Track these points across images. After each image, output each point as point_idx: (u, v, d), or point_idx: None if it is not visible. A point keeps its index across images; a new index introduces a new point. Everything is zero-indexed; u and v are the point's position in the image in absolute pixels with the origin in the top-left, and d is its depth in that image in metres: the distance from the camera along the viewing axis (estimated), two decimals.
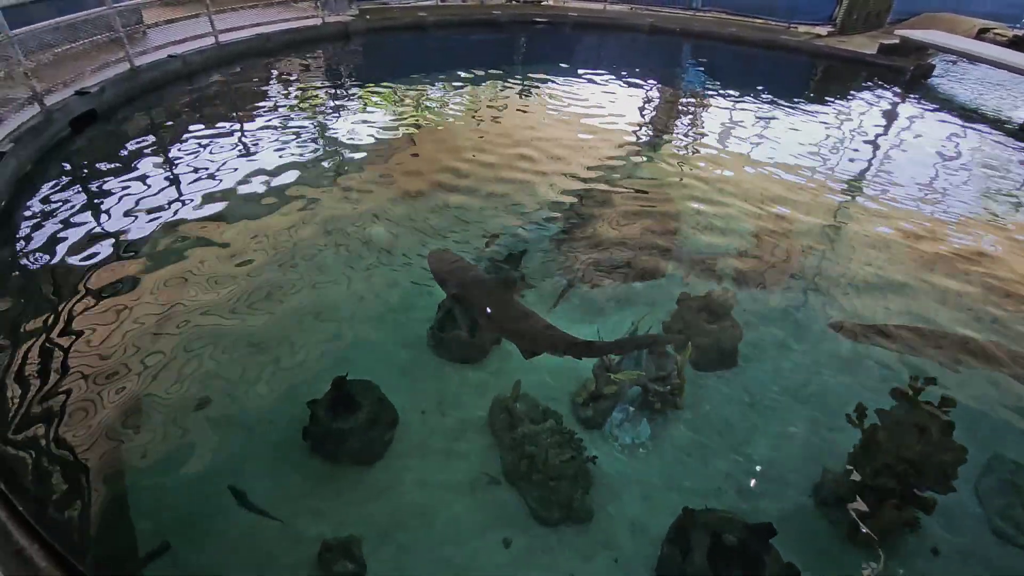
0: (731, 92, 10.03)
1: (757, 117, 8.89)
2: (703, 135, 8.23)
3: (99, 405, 3.33)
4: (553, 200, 5.95)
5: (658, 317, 4.23)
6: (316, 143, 7.14)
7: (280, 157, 6.64)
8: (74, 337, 3.82)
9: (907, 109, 9.70)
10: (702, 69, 11.67)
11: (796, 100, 9.78)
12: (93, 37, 8.31)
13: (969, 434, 3.11)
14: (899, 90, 10.43)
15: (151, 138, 7.10)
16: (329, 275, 4.66)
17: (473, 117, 8.33)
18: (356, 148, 6.99)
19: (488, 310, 3.23)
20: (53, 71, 7.56)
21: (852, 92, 10.42)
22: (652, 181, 6.60)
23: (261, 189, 5.86)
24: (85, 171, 6.17)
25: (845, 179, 6.93)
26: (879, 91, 10.39)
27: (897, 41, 11.61)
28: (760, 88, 10.23)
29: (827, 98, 10.02)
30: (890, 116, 9.35)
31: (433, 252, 3.86)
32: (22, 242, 4.85)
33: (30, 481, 2.86)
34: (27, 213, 5.25)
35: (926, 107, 9.77)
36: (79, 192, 5.73)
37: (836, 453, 3.22)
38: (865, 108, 9.61)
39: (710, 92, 10.13)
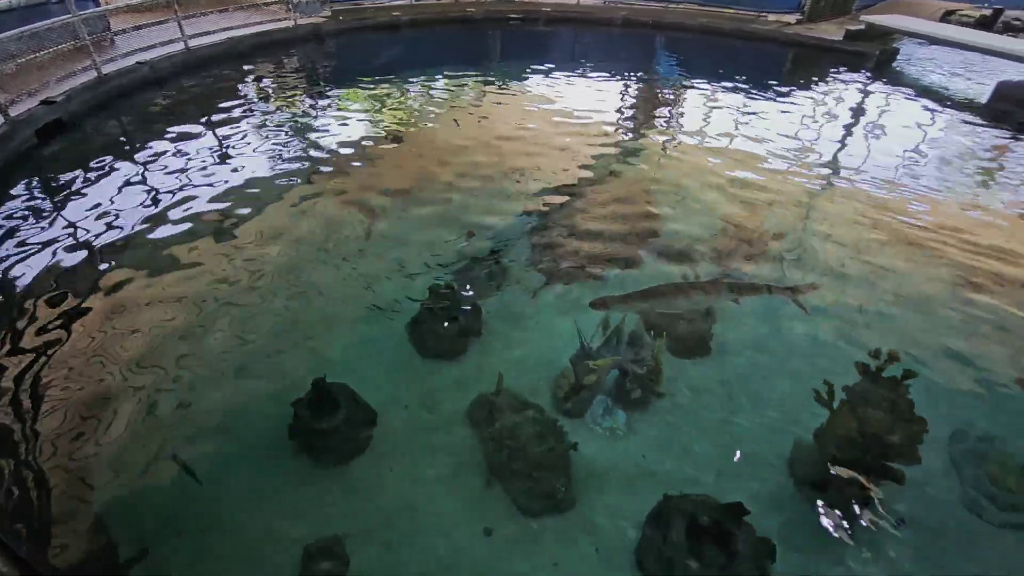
0: (704, 83, 10.15)
1: (730, 106, 9.02)
2: (678, 126, 8.33)
3: (69, 413, 3.29)
4: (531, 194, 5.99)
5: None
6: (291, 145, 7.09)
7: (255, 161, 6.59)
8: (42, 348, 3.77)
9: (874, 93, 9.90)
10: (675, 61, 11.80)
11: (767, 88, 9.93)
12: (58, 46, 8.15)
13: (932, 407, 3.23)
14: (866, 75, 10.63)
15: (121, 146, 6.99)
16: (308, 276, 4.65)
17: (451, 115, 8.33)
18: (333, 149, 6.96)
19: None
20: (18, 81, 7.40)
21: (820, 78, 10.61)
22: (629, 173, 6.67)
23: (236, 194, 5.81)
24: (52, 182, 6.06)
25: (816, 163, 7.07)
26: (846, 76, 10.59)
27: (863, 27, 11.83)
28: (732, 78, 10.37)
29: (796, 85, 10.19)
30: (857, 101, 9.53)
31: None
32: None
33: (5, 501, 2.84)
34: None
35: (892, 90, 9.98)
36: (46, 203, 5.63)
37: (809, 430, 3.31)
38: (833, 94, 9.80)
39: (684, 83, 10.24)
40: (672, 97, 9.63)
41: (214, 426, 3.37)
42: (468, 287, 4.49)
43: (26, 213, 5.39)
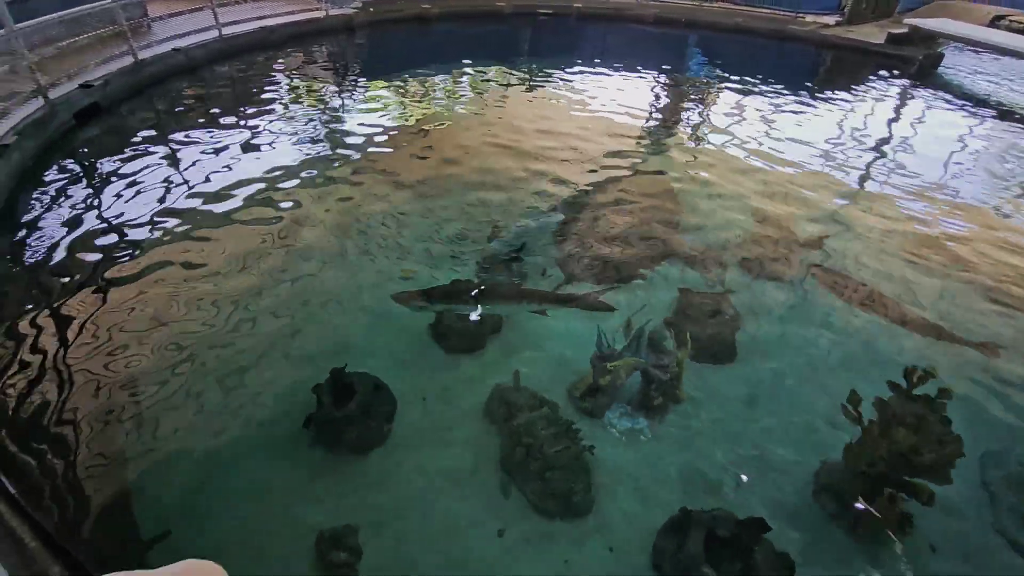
0: (737, 83, 9.93)
1: (763, 108, 8.80)
2: (708, 126, 8.17)
3: (98, 394, 3.37)
4: (556, 192, 5.92)
5: (658, 309, 4.21)
6: (320, 136, 7.15)
7: (283, 150, 6.65)
8: (73, 326, 3.86)
9: (916, 99, 9.57)
10: (707, 60, 11.56)
11: (802, 91, 9.67)
12: (97, 31, 8.34)
13: (969, 426, 3.09)
14: (908, 80, 10.28)
15: (154, 131, 7.12)
16: (333, 266, 4.67)
17: (479, 109, 8.30)
18: (360, 140, 6.99)
19: None
20: (57, 65, 7.59)
21: (859, 83, 10.28)
22: (656, 172, 6.56)
23: (263, 182, 5.87)
24: (88, 164, 6.21)
25: (851, 170, 6.86)
26: (886, 81, 10.25)
27: (906, 30, 11.43)
28: (766, 79, 10.12)
29: (833, 89, 9.90)
30: (898, 106, 9.22)
31: None
32: (23, 233, 4.91)
33: (27, 468, 2.91)
34: (29, 205, 5.30)
35: (935, 97, 9.63)
36: (82, 185, 5.76)
37: (835, 445, 3.20)
38: (872, 99, 9.49)
39: (716, 83, 10.03)
40: (702, 97, 9.44)
41: (237, 406, 3.41)
42: (489, 282, 4.46)
43: (63, 193, 5.53)
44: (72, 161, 6.24)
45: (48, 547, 2.08)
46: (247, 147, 6.71)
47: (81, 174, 5.99)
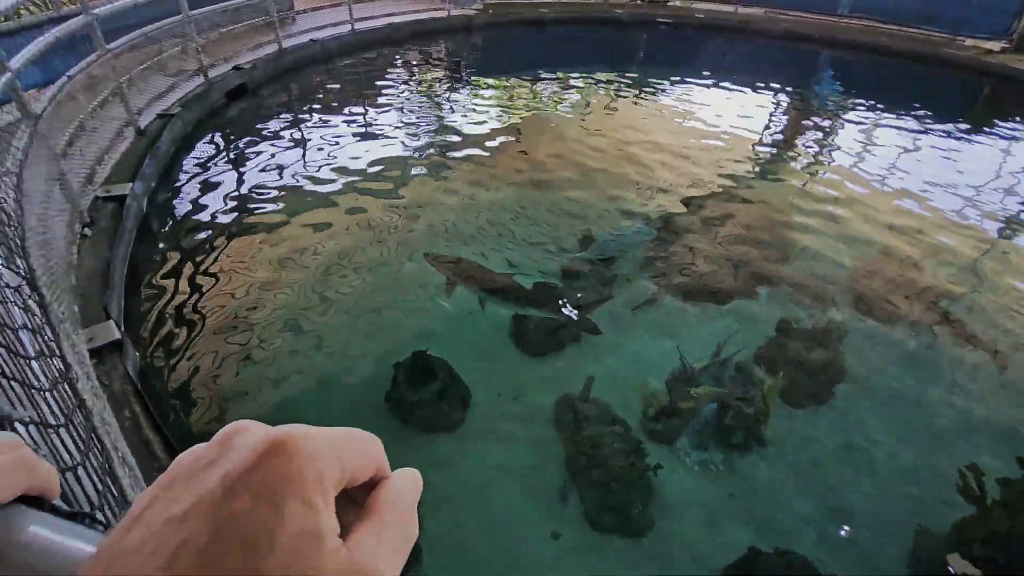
0: (873, 110, 9.07)
1: (901, 141, 7.94)
2: (831, 153, 7.55)
3: (222, 338, 3.79)
4: (655, 206, 5.76)
5: (750, 339, 3.97)
6: (428, 128, 7.51)
7: (394, 138, 7.07)
8: (204, 270, 4.42)
9: None
10: (841, 82, 10.67)
11: (952, 124, 8.62)
12: (252, 20, 9.35)
13: None
14: None
15: (288, 112, 7.89)
16: (425, 250, 4.89)
17: (584, 115, 8.29)
18: (466, 136, 7.25)
19: None
20: (217, 48, 8.61)
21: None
22: (765, 197, 6.17)
23: (375, 167, 6.28)
24: (231, 136, 7.02)
25: (1000, 219, 6.01)
26: None
27: None
28: (910, 108, 9.12)
29: (989, 124, 8.74)
30: None
31: None
32: (177, 187, 5.72)
33: (162, 389, 3.35)
34: (184, 165, 6.14)
35: None
36: (224, 155, 6.55)
37: (938, 516, 2.84)
38: None
39: (847, 108, 9.23)
40: (829, 122, 8.73)
41: (335, 363, 3.70)
42: (575, 288, 4.44)
43: (210, 159, 6.34)
44: (219, 133, 7.07)
45: (169, 454, 2.41)
46: (362, 134, 7.22)
47: (224, 145, 6.78)
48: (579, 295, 4.35)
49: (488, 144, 7.06)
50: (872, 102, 9.31)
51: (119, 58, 5.34)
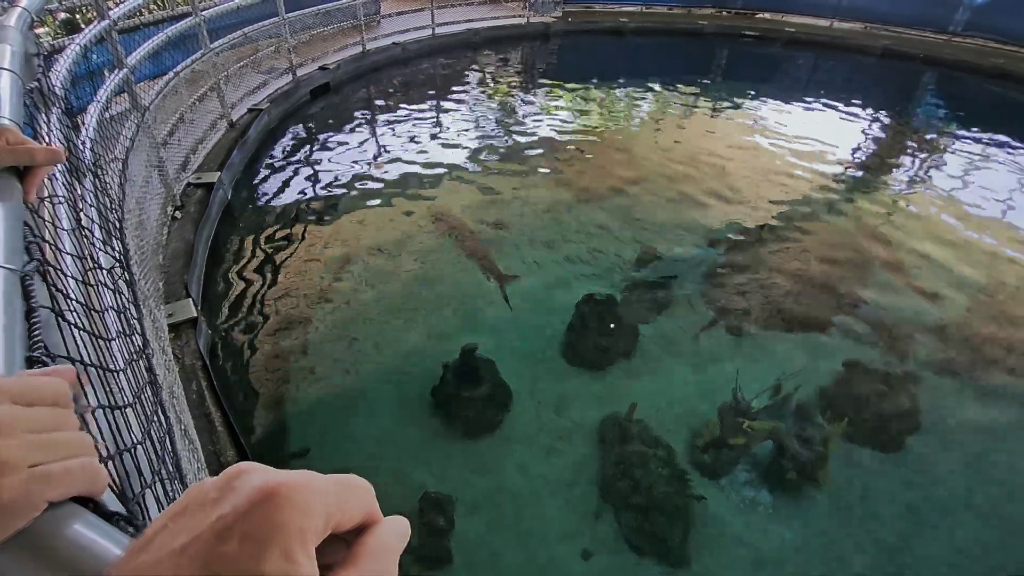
0: (978, 137, 8.26)
1: (1011, 176, 7.16)
2: (925, 180, 6.95)
3: (286, 324, 4.01)
4: (724, 227, 5.51)
5: (815, 375, 3.72)
6: (498, 132, 7.61)
7: (465, 141, 7.23)
8: (281, 264, 4.70)
9: None
10: (944, 105, 9.82)
11: None
12: (341, 23, 9.87)
13: None
14: None
15: (366, 111, 8.26)
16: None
17: (656, 128, 8.11)
18: (535, 142, 7.28)
19: None
20: (306, 49, 9.16)
21: None
22: (846, 221, 5.77)
23: (444, 168, 6.46)
24: (312, 131, 7.45)
25: None
26: None
27: None
28: (1019, 135, 8.26)
29: None
30: None
31: None
32: (261, 177, 6.18)
33: (226, 365, 3.59)
34: (268, 157, 6.60)
35: None
36: (305, 149, 6.97)
37: None
38: None
39: (948, 133, 8.47)
40: (926, 146, 8.04)
41: (384, 356, 3.84)
42: (631, 304, 4.35)
43: (292, 151, 6.81)
44: (302, 127, 7.51)
45: (229, 435, 2.58)
46: (434, 133, 7.45)
47: (306, 139, 7.22)
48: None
49: (557, 151, 7.05)
50: (978, 130, 8.49)
51: (219, 55, 5.79)
